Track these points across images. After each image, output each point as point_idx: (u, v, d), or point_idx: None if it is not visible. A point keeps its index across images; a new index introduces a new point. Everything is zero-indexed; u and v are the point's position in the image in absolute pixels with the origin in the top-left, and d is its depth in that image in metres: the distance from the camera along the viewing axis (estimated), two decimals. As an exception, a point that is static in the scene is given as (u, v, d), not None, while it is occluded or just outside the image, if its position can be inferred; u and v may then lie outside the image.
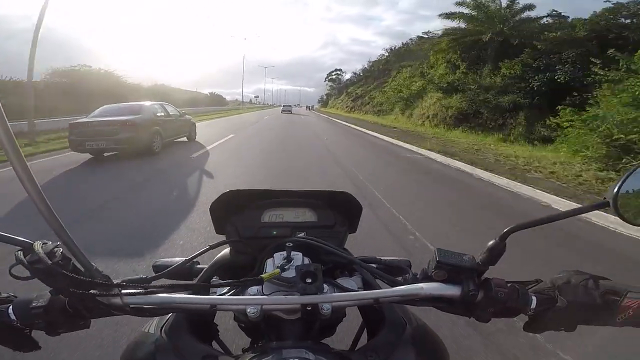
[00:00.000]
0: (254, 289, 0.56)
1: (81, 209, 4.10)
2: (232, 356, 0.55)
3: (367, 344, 0.58)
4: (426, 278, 0.56)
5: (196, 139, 11.25)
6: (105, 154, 7.86)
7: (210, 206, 0.71)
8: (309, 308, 0.52)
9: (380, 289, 0.58)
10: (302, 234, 0.66)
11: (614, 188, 0.50)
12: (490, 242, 0.54)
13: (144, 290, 0.52)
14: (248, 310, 0.52)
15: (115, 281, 0.53)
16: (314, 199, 0.75)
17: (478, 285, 0.54)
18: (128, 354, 0.59)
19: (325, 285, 0.56)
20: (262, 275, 0.54)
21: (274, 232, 0.73)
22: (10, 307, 0.53)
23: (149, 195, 5.03)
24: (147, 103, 9.26)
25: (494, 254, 0.53)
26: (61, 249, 0.50)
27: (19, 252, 0.48)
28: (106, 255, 2.83)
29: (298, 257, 0.59)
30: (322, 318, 0.54)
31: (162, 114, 9.17)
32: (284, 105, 56.88)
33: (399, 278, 0.60)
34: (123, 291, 0.52)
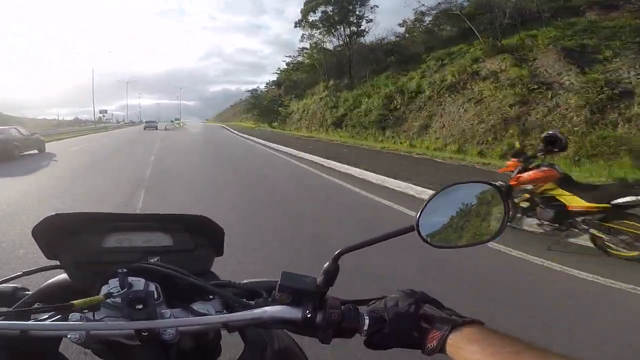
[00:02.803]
0: (76, 315, 0.54)
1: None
2: None
3: None
4: (274, 301, 0.58)
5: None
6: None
7: (32, 230, 0.65)
8: (145, 333, 0.52)
9: (221, 314, 0.59)
10: (154, 260, 0.65)
11: (418, 214, 0.57)
12: (325, 265, 0.58)
13: None
14: (69, 336, 0.51)
15: None
16: (167, 223, 0.72)
17: (317, 308, 0.56)
18: None
19: (170, 311, 0.57)
20: (74, 302, 0.52)
21: (119, 258, 0.67)
22: None
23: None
24: (7, 127, 14.55)
25: (330, 276, 0.58)
26: None
27: None
28: None
29: (139, 284, 0.57)
30: (168, 343, 0.54)
31: (17, 134, 14.30)
32: (146, 122, 54.47)
33: (253, 302, 0.60)
34: None
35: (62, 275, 0.71)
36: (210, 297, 0.64)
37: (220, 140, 23.95)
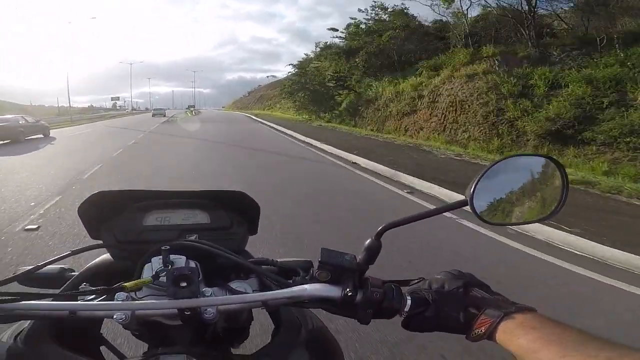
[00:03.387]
0: (122, 294, 0.53)
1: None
2: None
3: (262, 348, 0.58)
4: (312, 279, 0.56)
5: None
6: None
7: (78, 209, 0.66)
8: (188, 312, 0.52)
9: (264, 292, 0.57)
10: (193, 237, 0.63)
11: (471, 187, 0.52)
12: (367, 241, 0.55)
13: None
14: (115, 317, 0.51)
15: None
16: (205, 200, 0.72)
17: (357, 286, 0.54)
18: None
19: (211, 289, 0.55)
20: (125, 284, 0.51)
21: (159, 236, 0.67)
22: None
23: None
24: (12, 115, 16.15)
25: (372, 253, 0.55)
26: None
27: None
28: None
29: (180, 261, 0.56)
30: (208, 322, 0.53)
31: (23, 122, 15.56)
32: (154, 109, 51.82)
33: (290, 280, 0.58)
34: None
35: (106, 255, 0.72)
36: (248, 275, 0.63)
37: (280, 162, 9.18)
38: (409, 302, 0.53)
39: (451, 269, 0.56)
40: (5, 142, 13.96)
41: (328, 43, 30.12)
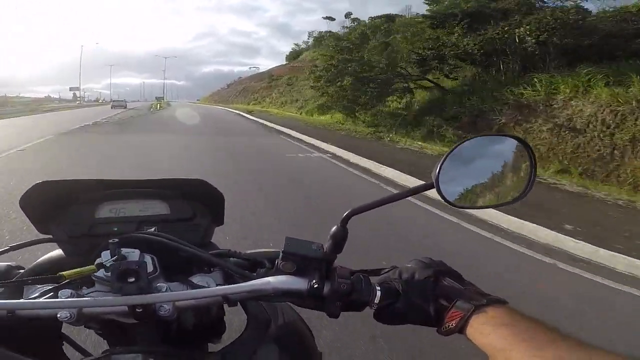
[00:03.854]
0: (67, 291, 0.50)
1: None
2: None
3: (230, 344, 0.55)
4: (277, 271, 0.52)
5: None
6: None
7: (20, 201, 0.61)
8: (139, 310, 0.48)
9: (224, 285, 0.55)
10: (152, 229, 0.59)
11: (436, 169, 0.50)
12: (333, 229, 0.52)
13: None
14: (59, 315, 0.47)
15: None
16: (162, 189, 0.68)
17: (324, 277, 0.51)
18: None
19: (168, 284, 0.52)
20: (64, 273, 0.49)
21: (114, 229, 0.63)
22: None
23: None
24: None
25: (338, 241, 0.52)
26: None
27: None
28: None
29: (133, 255, 0.51)
30: (165, 319, 0.50)
31: None
32: (113, 101, 48.24)
33: (255, 273, 0.55)
34: None
35: (57, 251, 0.67)
36: (211, 269, 0.60)
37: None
38: (378, 293, 0.50)
39: (422, 256, 0.53)
40: None
41: (322, 33, 27.08)
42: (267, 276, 0.52)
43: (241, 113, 28.55)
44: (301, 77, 32.65)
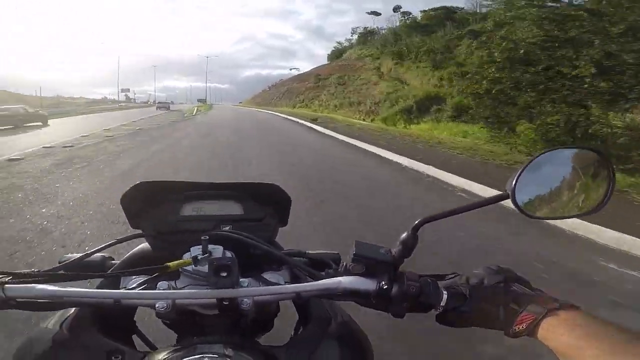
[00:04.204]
0: (164, 283, 0.55)
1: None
2: (142, 352, 0.54)
3: (292, 340, 0.59)
4: (346, 272, 0.55)
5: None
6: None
7: (121, 198, 0.68)
8: (226, 302, 0.52)
9: (297, 284, 0.58)
10: (227, 228, 0.65)
11: (513, 180, 0.51)
12: (403, 235, 0.54)
13: (31, 282, 0.50)
14: (157, 305, 0.50)
15: None
16: (238, 192, 0.73)
17: (392, 279, 0.53)
18: (22, 350, 0.56)
19: (247, 280, 0.56)
20: (169, 264, 0.53)
21: (195, 226, 0.69)
22: None
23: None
24: (14, 106, 19.57)
25: (408, 247, 0.54)
26: None
27: None
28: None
29: (218, 251, 0.57)
30: (243, 313, 0.54)
31: (22, 111, 18.70)
32: (158, 102, 54.68)
33: (323, 272, 0.59)
34: (7, 285, 0.49)
35: (144, 244, 0.74)
36: (279, 267, 0.64)
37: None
38: (445, 296, 0.52)
39: (490, 264, 0.55)
40: (7, 127, 16.18)
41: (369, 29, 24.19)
42: (336, 276, 0.55)
43: (298, 120, 21.65)
44: (359, 75, 27.97)
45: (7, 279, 0.50)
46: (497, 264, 0.55)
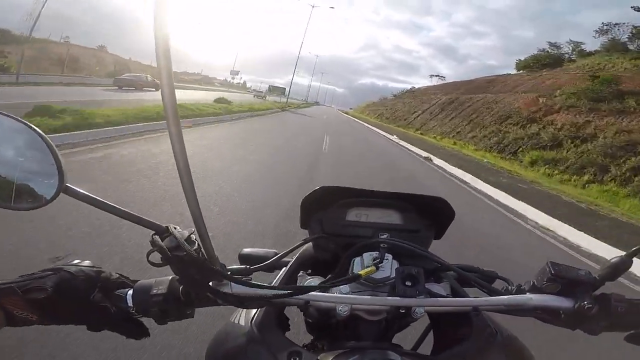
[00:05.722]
0: (346, 287, 0.56)
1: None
2: (316, 354, 0.55)
3: (454, 350, 0.58)
4: (534, 289, 0.57)
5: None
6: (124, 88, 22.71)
7: (302, 200, 0.69)
8: (403, 311, 0.53)
9: (473, 297, 0.58)
10: (385, 236, 0.64)
11: None
12: (615, 258, 0.53)
13: (250, 282, 0.53)
14: (339, 309, 0.53)
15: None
16: (404, 202, 0.72)
17: (594, 299, 0.53)
18: (217, 343, 0.60)
19: (415, 289, 0.56)
20: (360, 272, 0.55)
21: (356, 232, 0.70)
22: (130, 292, 0.54)
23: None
24: (140, 74, 27.50)
25: (618, 270, 0.53)
26: (194, 236, 0.49)
27: (155, 236, 0.47)
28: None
29: (389, 259, 0.59)
30: (412, 321, 0.56)
31: (144, 79, 25.95)
32: (255, 91, 56.11)
33: (498, 288, 0.59)
34: (232, 283, 0.53)
35: (308, 245, 0.74)
36: (440, 279, 0.66)
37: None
38: None
39: None
40: (130, 88, 23.29)
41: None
42: (521, 293, 0.58)
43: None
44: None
45: (232, 280, 0.52)
46: None
